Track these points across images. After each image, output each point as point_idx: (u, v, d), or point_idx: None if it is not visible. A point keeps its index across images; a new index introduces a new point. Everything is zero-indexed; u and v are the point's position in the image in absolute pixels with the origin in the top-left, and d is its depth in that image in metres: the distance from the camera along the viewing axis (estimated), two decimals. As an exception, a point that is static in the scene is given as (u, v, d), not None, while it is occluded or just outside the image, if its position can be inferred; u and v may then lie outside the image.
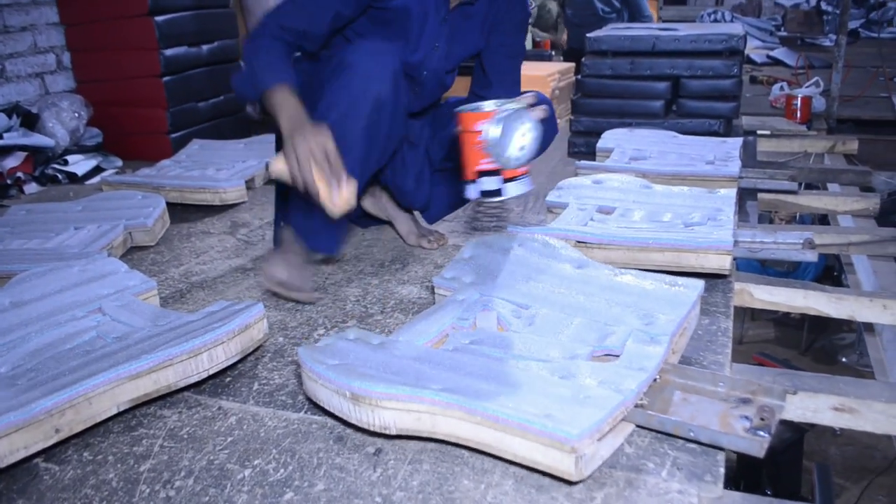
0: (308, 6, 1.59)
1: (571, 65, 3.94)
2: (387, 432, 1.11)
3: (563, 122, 3.69)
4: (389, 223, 2.10)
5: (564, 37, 6.35)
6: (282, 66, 1.55)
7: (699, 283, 1.42)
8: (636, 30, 3.23)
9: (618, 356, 1.23)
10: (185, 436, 1.22)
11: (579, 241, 1.70)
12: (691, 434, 1.10)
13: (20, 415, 1.12)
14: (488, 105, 1.38)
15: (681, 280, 1.43)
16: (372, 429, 1.12)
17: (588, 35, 3.11)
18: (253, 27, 1.62)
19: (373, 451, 1.14)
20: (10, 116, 2.94)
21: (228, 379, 1.39)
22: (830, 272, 4.88)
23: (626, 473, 1.06)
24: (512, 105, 1.37)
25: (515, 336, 1.30)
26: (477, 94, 1.85)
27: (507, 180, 1.38)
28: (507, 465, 1.08)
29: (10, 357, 1.36)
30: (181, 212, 2.39)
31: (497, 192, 1.39)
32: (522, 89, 1.68)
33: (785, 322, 5.34)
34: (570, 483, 1.04)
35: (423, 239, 2.02)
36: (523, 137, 1.34)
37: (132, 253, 2.09)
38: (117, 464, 1.16)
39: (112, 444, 1.21)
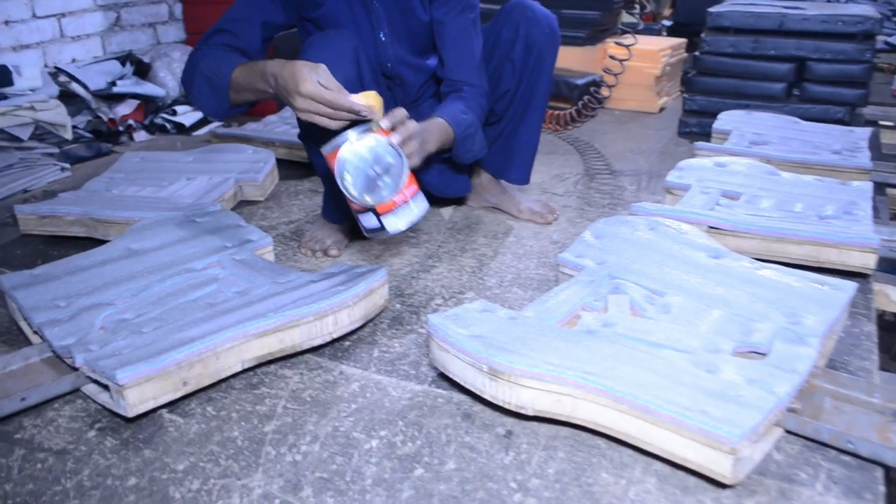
0: (235, 28, 1.56)
1: (683, 41, 3.78)
2: (522, 412, 1.07)
3: (671, 101, 3.57)
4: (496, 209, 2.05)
5: (667, 10, 6.12)
6: (232, 56, 1.50)
7: (851, 285, 1.32)
8: (761, 6, 3.06)
9: (763, 354, 1.16)
10: (308, 399, 1.20)
11: (711, 227, 1.61)
12: (850, 446, 1.02)
13: (151, 365, 1.11)
14: (339, 140, 1.27)
15: (829, 279, 1.34)
16: (507, 407, 1.08)
17: (710, 10, 2.95)
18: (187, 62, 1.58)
19: (503, 432, 1.10)
20: (123, 64, 2.98)
21: (348, 343, 1.36)
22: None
23: (777, 482, 0.99)
24: (363, 140, 1.25)
25: (651, 323, 1.23)
26: (436, 77, 1.77)
27: (382, 214, 1.29)
28: (648, 461, 1.03)
29: (135, 304, 1.36)
30: (288, 168, 2.38)
31: (381, 229, 1.31)
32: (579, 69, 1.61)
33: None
34: (718, 486, 0.97)
35: (536, 215, 1.95)
36: (375, 174, 1.26)
37: (241, 207, 2.08)
38: (241, 422, 1.14)
39: (235, 400, 1.20)
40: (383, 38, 1.68)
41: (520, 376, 1.04)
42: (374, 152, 1.25)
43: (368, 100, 1.27)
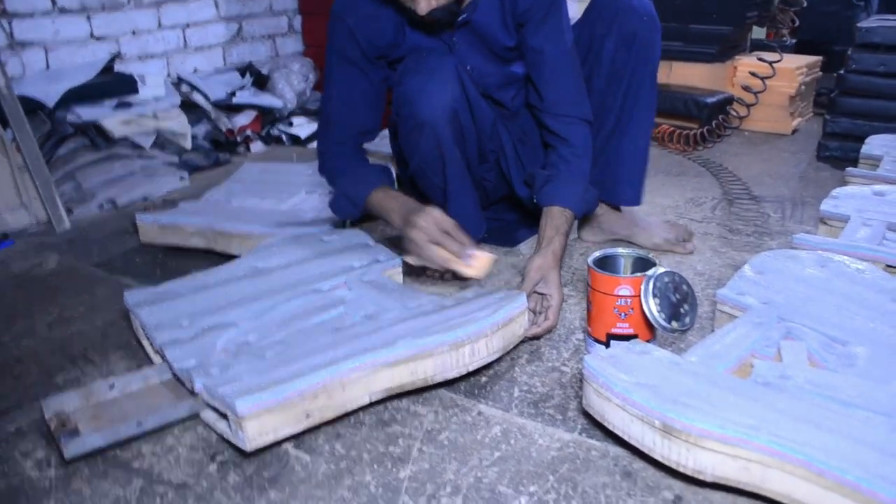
0: (345, 115, 1.57)
1: (819, 58, 3.54)
2: (699, 477, 0.93)
3: (804, 122, 3.33)
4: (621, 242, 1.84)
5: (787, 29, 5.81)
6: (364, 172, 1.57)
7: None
8: (916, 22, 2.81)
9: (978, 421, 0.98)
10: (446, 442, 1.08)
11: (889, 265, 1.43)
12: None
13: (272, 395, 1.03)
14: (624, 258, 1.30)
15: None
16: (681, 470, 0.94)
17: (859, 25, 2.73)
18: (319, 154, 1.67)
19: (671, 497, 0.96)
20: (243, 75, 2.98)
21: (484, 380, 1.25)
22: None
23: None
24: (658, 269, 1.20)
25: (838, 377, 1.07)
26: (533, 106, 1.61)
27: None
28: (850, 546, 0.87)
29: (258, 325, 1.29)
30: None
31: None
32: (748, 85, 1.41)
33: None
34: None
35: (677, 245, 1.78)
36: (682, 302, 1.20)
37: (361, 222, 2.00)
38: (373, 464, 1.04)
39: (365, 439, 1.10)
40: (468, 68, 1.57)
41: (700, 436, 0.90)
42: (682, 281, 1.22)
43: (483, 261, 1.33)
